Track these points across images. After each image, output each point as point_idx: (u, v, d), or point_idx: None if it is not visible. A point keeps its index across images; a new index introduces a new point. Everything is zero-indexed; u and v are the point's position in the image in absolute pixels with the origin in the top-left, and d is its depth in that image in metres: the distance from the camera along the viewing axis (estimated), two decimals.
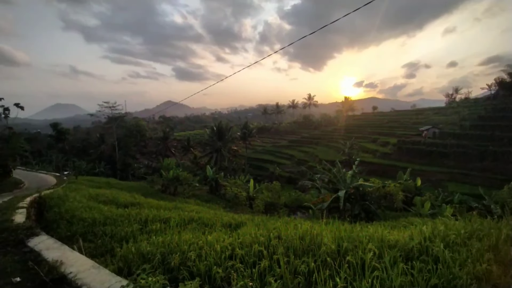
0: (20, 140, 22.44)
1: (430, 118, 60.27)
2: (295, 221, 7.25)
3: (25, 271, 3.18)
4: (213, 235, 4.18)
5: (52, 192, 11.97)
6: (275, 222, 7.50)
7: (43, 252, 3.62)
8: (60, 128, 46.18)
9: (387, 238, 3.64)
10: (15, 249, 4.03)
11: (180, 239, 3.93)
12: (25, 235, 4.44)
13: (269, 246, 3.42)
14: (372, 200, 16.17)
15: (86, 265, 3.06)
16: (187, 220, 7.76)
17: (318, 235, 3.58)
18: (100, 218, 7.63)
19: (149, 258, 3.34)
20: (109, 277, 2.75)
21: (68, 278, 2.78)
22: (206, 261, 3.07)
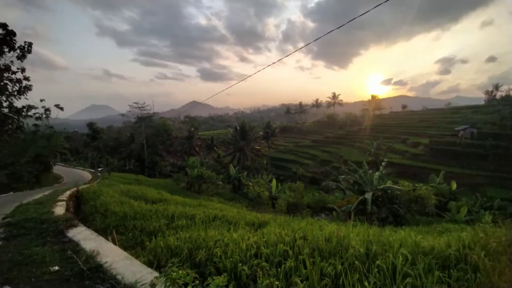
0: (60, 139, 24.35)
1: (468, 117, 55.98)
2: (320, 223, 7.11)
3: (63, 260, 3.42)
4: (238, 232, 4.22)
5: (88, 187, 12.83)
6: (299, 223, 7.41)
7: (81, 242, 3.89)
8: (95, 128, 49.53)
9: (421, 244, 3.43)
10: (55, 239, 4.36)
11: (206, 236, 4.01)
12: (64, 226, 4.80)
13: (294, 246, 3.39)
14: (401, 204, 15.40)
15: (120, 256, 3.23)
16: (212, 217, 7.91)
17: (345, 237, 3.47)
18: (131, 213, 8.03)
19: (177, 253, 3.46)
20: (140, 268, 2.89)
21: (104, 267, 2.96)
22: (232, 258, 3.12)
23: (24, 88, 19.94)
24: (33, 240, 4.26)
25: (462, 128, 46.54)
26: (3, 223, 5.45)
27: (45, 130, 23.42)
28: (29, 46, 20.64)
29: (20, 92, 19.71)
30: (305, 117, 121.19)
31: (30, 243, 4.11)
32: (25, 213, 6.09)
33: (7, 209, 7.23)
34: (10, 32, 18.88)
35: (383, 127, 69.07)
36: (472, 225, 14.66)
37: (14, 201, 9.26)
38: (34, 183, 18.10)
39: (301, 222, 7.65)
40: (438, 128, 54.28)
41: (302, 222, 7.33)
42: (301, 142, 77.68)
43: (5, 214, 6.44)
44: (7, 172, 15.56)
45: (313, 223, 6.60)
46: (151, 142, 50.63)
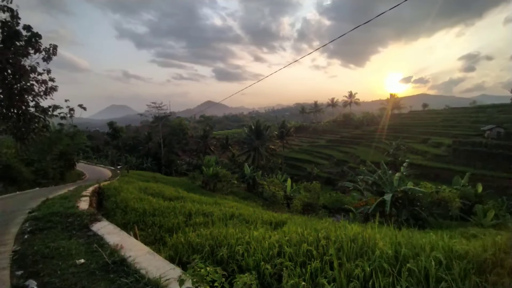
0: (83, 137, 25.36)
1: (494, 117, 53.02)
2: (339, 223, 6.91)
3: (88, 253, 3.48)
4: (259, 231, 4.14)
5: (109, 183, 13.23)
6: (317, 223, 7.24)
7: (105, 236, 3.96)
8: (115, 127, 51.19)
9: (455, 248, 3.21)
10: (80, 232, 4.47)
11: (227, 233, 3.96)
12: (89, 220, 4.91)
13: (318, 246, 3.26)
14: (423, 206, 14.76)
15: (143, 251, 3.25)
16: (229, 215, 7.91)
17: (371, 239, 3.30)
18: (150, 209, 8.18)
19: (198, 249, 3.43)
20: (163, 263, 2.88)
21: (128, 262, 2.98)
22: (254, 257, 3.05)
23: (50, 88, 20.91)
24: (59, 234, 4.38)
25: (488, 127, 44.16)
26: (30, 217, 5.67)
27: (69, 129, 24.47)
28: (54, 49, 21.63)
29: (46, 93, 20.68)
30: (321, 117, 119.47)
31: (56, 237, 4.23)
32: (51, 207, 6.32)
33: (34, 204, 7.55)
34: (35, 34, 19.85)
35: (402, 126, 66.80)
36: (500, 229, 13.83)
37: (40, 196, 9.68)
38: (59, 179, 18.91)
39: (318, 222, 7.48)
40: (462, 128, 51.77)
41: (319, 222, 7.15)
42: (316, 142, 76.65)
43: (32, 208, 6.72)
44: (34, 168, 16.34)
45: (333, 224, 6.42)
46: (167, 141, 51.72)
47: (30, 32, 19.36)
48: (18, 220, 5.68)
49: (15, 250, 3.88)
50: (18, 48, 18.72)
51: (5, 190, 12.33)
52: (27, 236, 4.42)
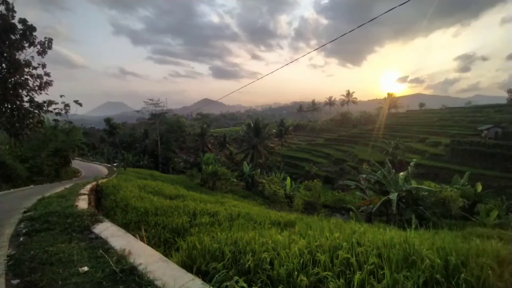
0: (79, 134, 24.74)
1: (491, 117, 53.38)
2: (352, 225, 6.64)
3: (92, 259, 3.12)
4: (285, 234, 3.79)
5: (107, 181, 12.79)
6: (328, 222, 6.94)
7: (109, 239, 3.60)
8: (112, 123, 50.36)
9: (501, 253, 2.91)
10: (81, 235, 4.10)
11: (249, 237, 3.60)
12: (90, 221, 4.55)
13: (355, 253, 2.93)
14: (426, 206, 14.60)
15: (154, 257, 2.91)
16: (235, 215, 7.58)
17: (409, 244, 2.98)
18: (152, 209, 7.81)
19: (217, 256, 3.09)
20: (179, 272, 2.54)
21: (138, 270, 2.63)
22: (285, 266, 2.71)
23: (44, 83, 20.30)
24: (58, 236, 4.02)
25: (486, 127, 44.37)
26: (26, 217, 5.27)
27: (64, 125, 23.86)
28: (49, 42, 21.00)
29: (41, 88, 20.07)
30: (318, 115, 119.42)
31: (54, 240, 3.86)
32: (47, 206, 5.92)
33: (29, 202, 7.13)
34: (29, 27, 19.23)
35: (399, 126, 66.99)
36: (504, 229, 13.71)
37: (35, 194, 9.24)
38: (54, 176, 18.38)
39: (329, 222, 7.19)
40: (460, 128, 52.00)
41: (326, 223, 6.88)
42: (314, 141, 76.50)
43: (27, 207, 6.31)
44: (28, 165, 15.81)
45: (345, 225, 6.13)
46: (165, 139, 51.12)
47: (25, 26, 18.77)
48: (12, 220, 5.28)
49: (10, 254, 3.51)
50: (13, 41, 18.14)
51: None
52: (22, 239, 4.04)
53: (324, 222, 6.63)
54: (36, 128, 18.99)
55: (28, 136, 18.48)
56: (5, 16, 17.33)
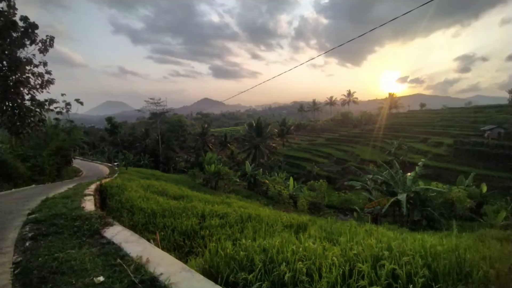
0: (80, 133, 24.47)
1: (493, 117, 53.24)
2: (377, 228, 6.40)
3: (107, 268, 2.87)
4: (318, 242, 3.53)
5: (111, 181, 12.54)
6: (343, 225, 6.71)
7: (122, 245, 3.35)
8: (114, 122, 50.11)
9: None
10: (91, 239, 3.85)
11: (277, 244, 3.34)
12: (99, 224, 4.29)
13: (399, 263, 2.68)
14: (434, 207, 14.39)
15: (175, 266, 2.66)
16: (245, 217, 7.34)
17: (463, 253, 2.70)
18: (159, 210, 7.57)
19: (245, 265, 2.84)
20: (207, 284, 2.29)
21: (160, 281, 2.38)
22: (326, 278, 2.47)
23: (46, 82, 20.01)
24: (67, 241, 3.77)
25: (489, 128, 44.25)
26: (30, 219, 5.01)
27: (65, 124, 23.59)
28: (51, 40, 20.73)
29: (42, 86, 19.79)
30: (318, 115, 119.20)
31: (63, 245, 3.61)
32: (53, 208, 5.67)
33: (33, 203, 6.88)
34: (31, 25, 18.97)
35: (401, 126, 66.88)
36: None
37: (38, 194, 8.99)
38: (55, 176, 18.12)
39: (344, 224, 6.96)
40: (461, 128, 51.84)
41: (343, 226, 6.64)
42: (315, 140, 76.30)
43: (31, 208, 6.06)
44: (29, 164, 15.53)
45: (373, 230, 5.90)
46: (166, 138, 50.85)
47: (27, 23, 18.52)
48: (16, 223, 5.03)
49: (16, 261, 3.27)
50: (14, 39, 17.88)
51: (0, 187, 11.58)
52: (28, 244, 3.79)
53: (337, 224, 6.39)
54: (38, 127, 18.73)
55: (29, 135, 18.22)
56: (6, 13, 17.06)
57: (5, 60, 17.21)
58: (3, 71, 17.07)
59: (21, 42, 18.48)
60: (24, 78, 18.48)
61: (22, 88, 18.16)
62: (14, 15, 17.91)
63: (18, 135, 18.01)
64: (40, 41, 19.58)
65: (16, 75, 17.74)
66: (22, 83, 17.95)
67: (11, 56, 17.38)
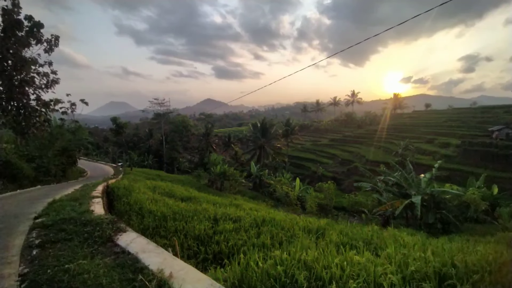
0: (85, 133, 24.31)
1: (500, 117, 52.33)
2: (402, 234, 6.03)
3: (124, 283, 2.52)
4: (365, 255, 3.16)
5: (118, 182, 12.27)
6: (364, 230, 6.35)
7: (139, 255, 3.02)
8: (119, 122, 49.98)
9: None
10: (104, 248, 3.53)
11: (320, 258, 2.97)
12: (111, 231, 3.98)
13: (466, 280, 2.32)
14: (448, 209, 13.93)
15: (203, 283, 2.32)
16: (259, 220, 6.99)
17: None
18: (169, 213, 7.26)
19: (284, 283, 2.49)
20: None
21: None
22: None
23: (51, 81, 19.89)
24: (77, 249, 3.46)
25: (497, 128, 43.46)
26: (37, 224, 4.71)
27: (70, 124, 23.45)
28: (56, 40, 20.60)
29: (47, 86, 19.65)
30: (321, 116, 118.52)
31: (74, 254, 3.30)
32: (60, 211, 5.37)
33: (39, 206, 6.61)
34: (36, 24, 18.83)
35: (406, 126, 66.12)
36: None
37: (44, 196, 8.73)
38: (61, 176, 17.93)
39: (365, 228, 6.60)
40: (468, 128, 51.03)
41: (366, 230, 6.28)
42: (319, 141, 75.79)
43: (38, 212, 5.77)
44: (34, 165, 15.34)
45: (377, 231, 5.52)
46: (170, 138, 50.64)
47: (32, 22, 18.39)
48: (22, 228, 4.75)
49: (23, 273, 2.96)
50: (19, 38, 17.75)
51: (5, 188, 11.36)
52: (36, 252, 3.49)
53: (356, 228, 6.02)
54: (43, 127, 18.58)
55: (34, 135, 18.05)
56: (10, 11, 16.90)
57: (10, 59, 17.07)
58: (8, 71, 16.93)
59: (26, 41, 18.34)
60: (29, 77, 18.35)
61: (28, 87, 18.02)
62: (18, 14, 17.78)
63: (23, 135, 17.86)
64: (46, 40, 19.45)
65: (21, 74, 17.60)
66: (27, 83, 17.80)
67: (16, 55, 17.25)
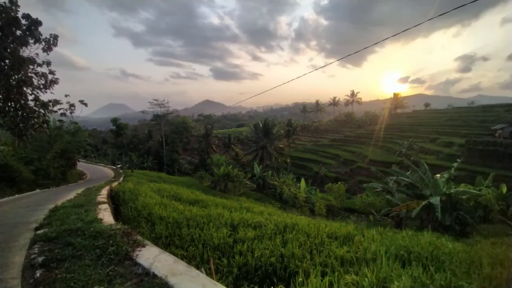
0: (85, 134, 23.66)
1: (502, 116, 52.16)
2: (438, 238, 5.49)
3: None
4: None
5: (122, 185, 11.66)
6: (406, 237, 5.81)
7: (170, 281, 2.43)
8: (119, 123, 49.16)
9: None
10: (122, 267, 2.93)
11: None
12: (127, 245, 3.40)
13: None
14: (465, 210, 13.43)
15: None
16: (281, 227, 6.43)
17: None
18: (181, 219, 6.67)
19: None
20: None
21: None
22: None
23: (50, 82, 19.25)
24: (90, 270, 2.87)
25: (500, 127, 43.19)
26: (39, 236, 4.08)
27: (69, 126, 22.80)
28: (55, 39, 19.98)
29: (46, 86, 19.00)
30: (321, 116, 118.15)
31: (86, 277, 2.71)
32: (65, 220, 4.77)
33: (40, 213, 6.01)
34: (34, 22, 18.19)
35: (407, 126, 65.86)
36: None
37: (44, 201, 8.13)
38: (60, 179, 17.28)
39: (418, 236, 6.05)
40: (470, 127, 50.75)
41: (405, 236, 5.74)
42: (319, 141, 75.39)
43: (39, 221, 5.17)
44: (33, 167, 14.69)
45: None
46: (170, 140, 49.95)
47: (29, 21, 17.78)
48: (22, 241, 4.15)
49: None
50: (17, 36, 17.13)
51: (2, 193, 10.72)
52: (39, 274, 2.90)
53: (397, 235, 5.47)
54: (41, 129, 17.92)
55: (32, 136, 17.39)
56: (8, 9, 16.27)
57: (8, 58, 16.44)
58: (5, 70, 16.29)
59: (24, 40, 17.72)
60: (27, 77, 17.71)
61: (25, 88, 17.38)
62: (16, 12, 17.18)
63: (21, 137, 17.21)
64: (44, 39, 18.83)
65: (19, 74, 16.97)
66: (25, 83, 17.17)
67: (14, 54, 16.62)
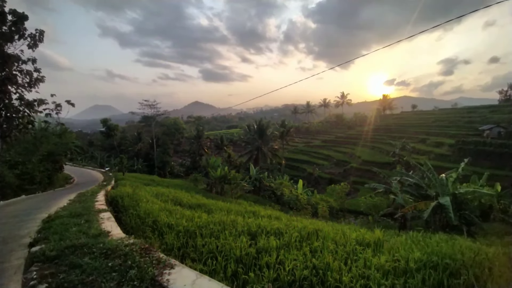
0: (73, 136, 22.40)
1: (487, 117, 53.91)
2: None
3: None
4: None
5: (120, 190, 10.79)
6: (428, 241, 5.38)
7: None
8: (109, 124, 47.28)
9: None
10: None
11: None
12: (151, 266, 2.76)
13: None
14: (471, 210, 13.34)
15: None
16: (304, 233, 5.88)
17: None
18: (192, 227, 6.01)
19: None
20: None
21: None
22: None
23: (35, 80, 18.03)
24: None
25: (487, 127, 44.47)
26: (35, 255, 3.23)
27: (56, 127, 21.53)
28: (41, 34, 18.79)
29: (31, 85, 17.79)
30: (311, 118, 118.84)
31: None
32: (64, 234, 3.99)
33: (31, 224, 5.22)
34: (20, 16, 17.03)
35: (396, 127, 67.10)
36: None
37: (34, 209, 7.27)
38: (47, 184, 16.13)
39: (460, 243, 5.63)
40: (458, 128, 52.09)
41: None
42: (311, 142, 75.61)
43: (31, 234, 4.39)
44: (18, 172, 13.57)
45: None
46: (161, 141, 48.58)
47: (15, 17, 16.65)
48: (15, 261, 3.41)
49: None
50: (2, 32, 15.97)
51: None
52: None
53: (436, 241, 5.04)
54: (26, 130, 16.71)
55: (17, 138, 16.18)
56: None
57: None
58: None
59: (10, 36, 16.56)
60: (12, 75, 16.52)
61: (10, 86, 16.17)
62: (3, 7, 16.07)
63: (4, 139, 15.94)
64: (29, 35, 17.68)
65: (4, 71, 15.78)
66: (10, 81, 15.97)
67: None
